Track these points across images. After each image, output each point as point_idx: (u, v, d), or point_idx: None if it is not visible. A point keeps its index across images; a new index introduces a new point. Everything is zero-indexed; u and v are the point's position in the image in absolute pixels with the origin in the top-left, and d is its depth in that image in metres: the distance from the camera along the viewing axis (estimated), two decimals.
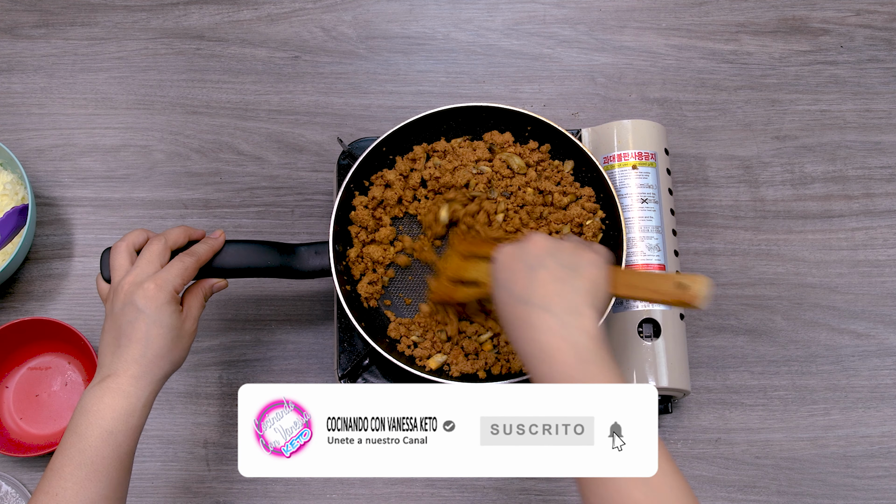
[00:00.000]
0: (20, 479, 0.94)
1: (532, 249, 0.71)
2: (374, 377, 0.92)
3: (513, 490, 0.95)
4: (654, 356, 0.90)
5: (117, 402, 0.73)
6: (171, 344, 0.77)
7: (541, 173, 0.95)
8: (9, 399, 0.97)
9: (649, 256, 0.93)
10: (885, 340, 1.01)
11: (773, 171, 1.07)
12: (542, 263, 0.69)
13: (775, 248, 1.04)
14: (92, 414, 0.72)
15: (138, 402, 0.74)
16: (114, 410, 0.72)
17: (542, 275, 0.68)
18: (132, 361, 0.75)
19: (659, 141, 0.98)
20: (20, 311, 1.00)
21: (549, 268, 0.69)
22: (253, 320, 1.00)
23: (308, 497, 0.95)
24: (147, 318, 0.76)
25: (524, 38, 1.12)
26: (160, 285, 0.77)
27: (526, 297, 0.68)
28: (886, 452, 0.97)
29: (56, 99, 1.08)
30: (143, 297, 0.76)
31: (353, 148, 0.98)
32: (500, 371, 0.88)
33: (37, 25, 1.11)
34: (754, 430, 0.97)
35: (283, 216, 1.04)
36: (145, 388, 0.75)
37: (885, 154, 1.08)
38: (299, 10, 1.12)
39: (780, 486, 0.96)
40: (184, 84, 1.09)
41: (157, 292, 0.76)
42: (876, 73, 1.11)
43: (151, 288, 0.76)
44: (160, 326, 0.76)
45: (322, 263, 0.88)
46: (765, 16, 1.13)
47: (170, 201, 1.04)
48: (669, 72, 1.10)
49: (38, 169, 1.05)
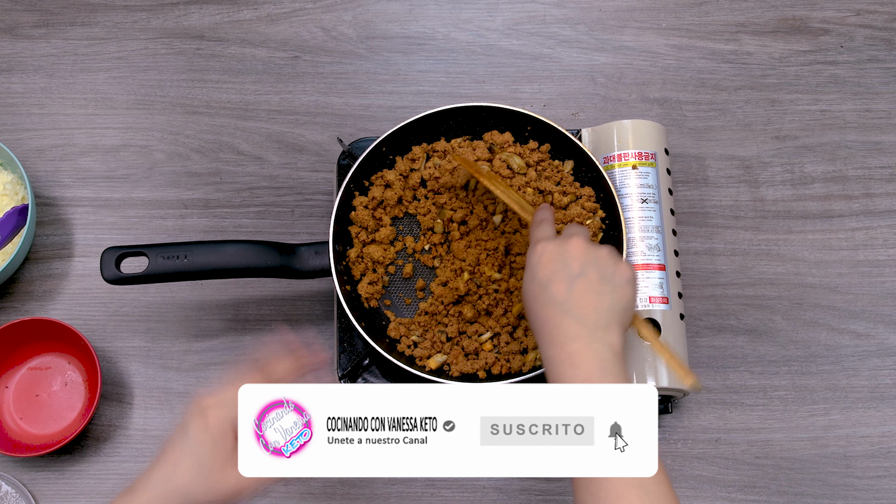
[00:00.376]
0: (20, 479, 0.94)
1: (573, 252, 0.73)
2: (374, 377, 0.92)
3: (513, 490, 0.95)
4: (655, 356, 0.90)
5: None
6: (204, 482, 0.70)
7: (541, 173, 0.95)
8: (9, 399, 0.97)
9: (649, 256, 0.93)
10: (885, 340, 1.01)
11: (773, 171, 1.07)
12: (583, 272, 0.72)
13: (775, 248, 1.04)
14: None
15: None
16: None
17: (582, 285, 0.71)
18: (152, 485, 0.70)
19: (659, 141, 0.97)
20: (20, 311, 1.00)
21: (589, 278, 0.72)
22: (253, 320, 1.00)
23: (308, 497, 0.95)
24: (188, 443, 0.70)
25: (524, 38, 1.12)
26: None
27: (563, 303, 0.71)
28: (886, 452, 0.97)
29: (56, 99, 1.08)
30: None
31: (353, 148, 0.98)
32: (500, 371, 0.88)
33: (37, 25, 1.11)
34: (754, 430, 0.97)
35: (283, 216, 1.04)
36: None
37: (885, 154, 1.08)
38: (299, 10, 1.12)
39: (780, 486, 0.96)
40: (184, 84, 1.09)
41: None
42: (876, 73, 1.11)
43: None
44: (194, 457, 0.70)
45: (322, 263, 0.88)
46: (765, 16, 1.13)
47: (170, 201, 1.04)
48: (669, 72, 1.10)
49: (38, 169, 1.05)
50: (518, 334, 0.90)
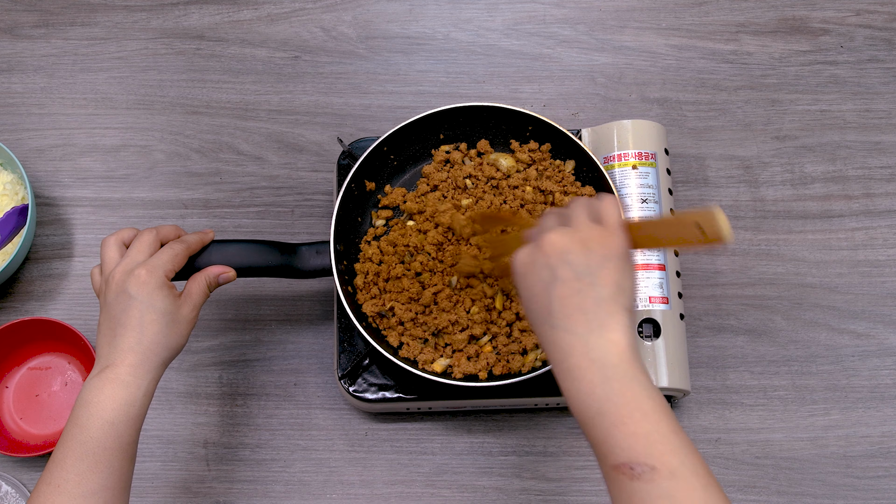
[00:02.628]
0: (20, 479, 0.94)
1: (544, 254, 0.66)
2: (374, 377, 0.92)
3: (513, 490, 0.95)
4: (654, 356, 0.90)
5: (117, 393, 0.73)
6: (167, 329, 0.77)
7: (542, 173, 0.95)
8: (9, 399, 0.97)
9: (649, 256, 0.93)
10: (885, 340, 1.01)
11: (773, 171, 1.07)
12: (557, 275, 0.64)
13: (775, 248, 1.04)
14: (93, 405, 0.72)
15: (138, 392, 0.74)
16: (114, 401, 0.72)
17: (559, 291, 0.64)
18: (128, 350, 0.75)
19: (659, 141, 0.98)
20: (20, 311, 1.00)
21: (564, 279, 0.64)
22: (253, 320, 1.00)
23: (308, 497, 0.95)
24: (140, 304, 0.75)
25: (524, 38, 1.12)
26: (150, 270, 0.77)
27: (548, 319, 0.65)
28: (886, 452, 0.97)
29: (56, 99, 1.08)
30: (134, 284, 0.76)
31: (353, 148, 0.98)
32: (500, 371, 0.88)
33: (37, 25, 1.11)
34: (754, 430, 0.97)
35: (283, 216, 1.04)
36: (144, 376, 0.74)
37: (885, 154, 1.08)
38: (299, 10, 1.12)
39: (780, 486, 0.96)
40: (184, 84, 1.09)
41: (148, 277, 0.76)
42: (876, 73, 1.11)
43: (142, 274, 0.76)
44: (153, 312, 0.76)
45: (323, 263, 0.88)
46: (765, 16, 1.13)
47: (170, 201, 1.04)
48: (669, 72, 1.10)
49: (38, 169, 1.05)
50: (516, 334, 0.90)
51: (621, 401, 0.61)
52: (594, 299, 0.63)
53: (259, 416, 0.97)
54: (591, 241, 0.65)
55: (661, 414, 0.61)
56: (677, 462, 0.59)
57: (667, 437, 0.60)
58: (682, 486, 0.58)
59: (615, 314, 0.63)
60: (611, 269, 0.64)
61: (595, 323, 0.63)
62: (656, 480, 0.58)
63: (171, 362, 0.79)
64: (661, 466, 0.59)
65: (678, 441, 0.60)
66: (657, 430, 0.60)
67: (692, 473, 0.59)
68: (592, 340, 0.62)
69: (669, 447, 0.59)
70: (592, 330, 0.63)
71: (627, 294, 0.65)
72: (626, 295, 0.64)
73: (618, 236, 0.66)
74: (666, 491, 0.58)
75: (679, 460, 0.59)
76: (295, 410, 0.97)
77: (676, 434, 0.60)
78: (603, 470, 0.62)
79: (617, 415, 0.61)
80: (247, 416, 0.97)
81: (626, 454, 0.59)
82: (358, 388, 0.91)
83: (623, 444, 0.60)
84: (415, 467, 0.96)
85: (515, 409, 0.97)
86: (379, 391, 0.91)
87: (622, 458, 0.60)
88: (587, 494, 0.95)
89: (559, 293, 0.64)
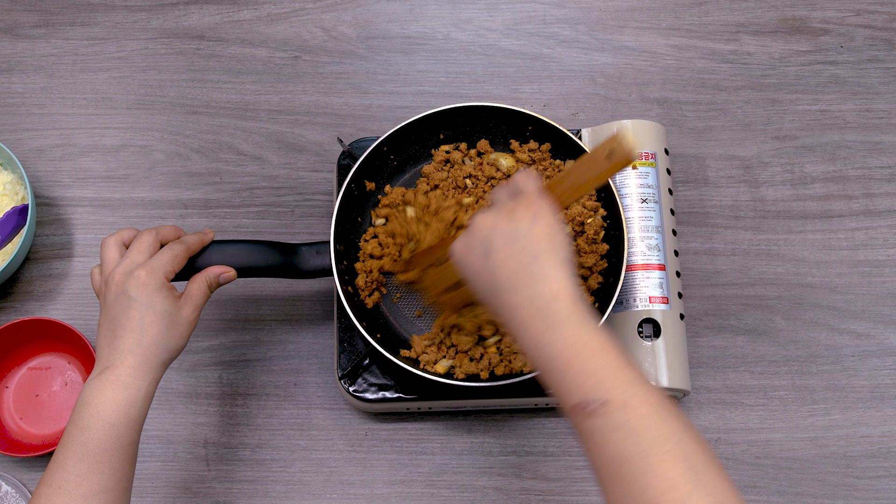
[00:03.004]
0: (20, 479, 0.94)
1: (478, 233, 0.69)
2: (374, 377, 0.92)
3: (513, 490, 0.95)
4: (654, 356, 0.90)
5: (118, 394, 0.73)
6: (167, 331, 0.77)
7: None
8: (9, 399, 0.97)
9: (649, 256, 0.93)
10: (885, 340, 1.01)
11: (773, 171, 1.07)
12: (491, 246, 0.68)
13: (775, 248, 1.04)
14: (93, 406, 0.72)
15: (139, 393, 0.74)
16: (114, 402, 0.72)
17: (496, 258, 0.67)
18: (128, 352, 0.75)
19: (659, 141, 0.98)
20: (20, 311, 1.00)
21: (498, 248, 0.67)
22: (253, 320, 1.00)
23: (308, 497, 0.95)
24: (140, 305, 0.76)
25: (524, 38, 1.12)
26: (150, 272, 0.77)
27: (492, 287, 0.68)
28: (886, 452, 0.97)
29: (56, 99, 1.08)
30: (134, 286, 0.76)
31: (353, 148, 0.98)
32: (503, 371, 0.88)
33: (37, 25, 1.11)
34: (754, 430, 0.97)
35: (283, 216, 1.04)
36: (144, 377, 0.75)
37: (885, 154, 1.08)
38: (299, 10, 1.12)
39: (780, 486, 0.96)
40: (184, 84, 1.09)
41: (148, 279, 0.76)
42: (876, 73, 1.11)
43: (142, 275, 0.76)
44: (153, 313, 0.76)
45: (323, 263, 0.88)
46: (765, 16, 1.13)
47: (170, 201, 1.04)
48: (669, 72, 1.10)
49: (38, 169, 1.05)
50: None
51: (568, 343, 0.63)
52: (530, 257, 0.66)
53: (259, 416, 0.97)
54: (516, 210, 0.68)
55: (608, 351, 0.62)
56: (628, 393, 0.60)
57: (615, 372, 0.61)
58: (634, 415, 0.59)
59: (553, 266, 0.66)
60: (540, 227, 0.67)
61: (535, 277, 0.65)
62: (609, 413, 0.60)
63: (171, 363, 0.79)
64: (612, 399, 0.60)
65: (628, 374, 0.61)
66: (605, 366, 0.62)
67: (643, 401, 0.60)
68: (535, 292, 0.65)
69: (618, 380, 0.61)
70: (534, 283, 0.65)
71: (562, 247, 0.67)
72: (560, 248, 0.67)
73: (539, 200, 0.69)
74: (619, 422, 0.59)
75: (629, 391, 0.60)
76: (295, 410, 0.97)
77: (625, 368, 0.62)
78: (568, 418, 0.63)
79: (565, 358, 0.62)
80: (247, 416, 0.97)
81: (579, 394, 0.61)
82: (358, 388, 0.91)
83: (574, 384, 0.62)
84: (415, 467, 0.96)
85: (515, 409, 0.97)
86: (379, 391, 0.91)
87: (575, 398, 0.61)
88: (587, 494, 0.94)
89: (496, 261, 0.67)
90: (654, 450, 0.58)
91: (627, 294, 0.92)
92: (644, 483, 0.57)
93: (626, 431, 0.59)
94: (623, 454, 0.58)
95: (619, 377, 0.61)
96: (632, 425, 0.59)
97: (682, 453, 0.58)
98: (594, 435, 0.60)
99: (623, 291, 0.92)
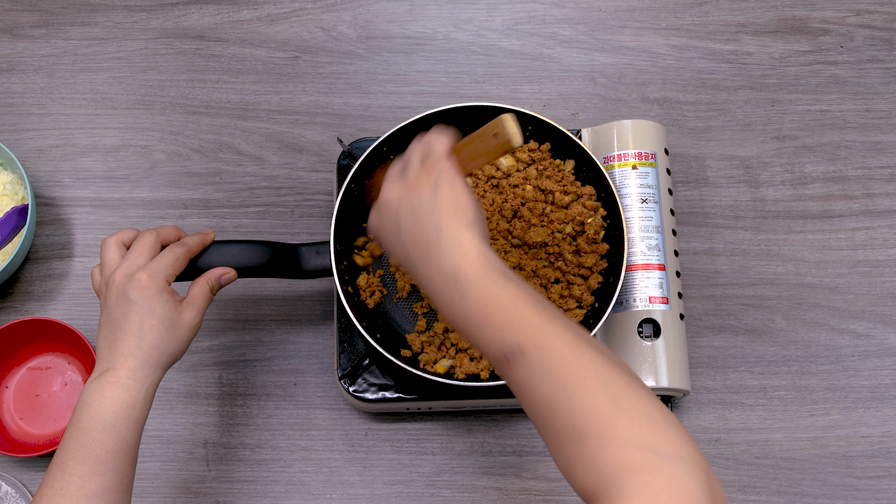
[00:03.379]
0: (20, 479, 0.94)
1: (386, 208, 0.71)
2: (375, 377, 0.92)
3: (513, 490, 0.95)
4: (654, 356, 0.90)
5: (118, 396, 0.73)
6: (167, 335, 0.77)
7: (542, 172, 0.95)
8: (9, 399, 0.97)
9: (649, 256, 0.93)
10: (885, 340, 1.01)
11: (773, 171, 1.07)
12: (400, 223, 0.69)
13: (775, 248, 1.04)
14: (93, 408, 0.72)
15: (139, 395, 0.74)
16: (115, 404, 0.73)
17: (406, 234, 0.68)
18: (128, 354, 0.75)
19: (659, 141, 0.98)
20: (20, 311, 1.00)
21: (405, 222, 0.68)
22: (253, 320, 1.00)
23: (308, 497, 0.95)
24: (140, 309, 0.76)
25: (524, 38, 1.12)
26: (151, 275, 0.77)
27: (408, 263, 0.69)
28: (886, 452, 0.97)
29: (56, 99, 1.08)
30: (135, 289, 0.76)
31: (353, 148, 0.98)
32: None
33: (37, 25, 1.11)
34: (754, 430, 0.97)
35: (283, 216, 1.04)
36: (144, 379, 0.75)
37: (885, 154, 1.08)
38: (299, 10, 1.12)
39: (780, 486, 0.96)
40: (184, 84, 1.09)
41: (148, 282, 0.76)
42: (876, 73, 1.11)
43: (143, 278, 0.76)
44: (154, 317, 0.76)
45: (323, 263, 0.88)
46: (765, 16, 1.13)
47: (170, 201, 1.04)
48: (669, 72, 1.10)
49: (38, 169, 1.05)
50: None
51: (480, 303, 0.63)
52: (434, 227, 0.66)
53: (259, 416, 0.97)
54: (419, 180, 0.69)
55: (518, 301, 0.63)
56: (540, 335, 0.61)
57: (527, 319, 0.62)
58: (550, 355, 0.60)
59: (459, 232, 0.66)
60: (442, 194, 0.67)
61: (442, 247, 0.66)
62: (527, 359, 0.60)
63: (171, 366, 0.79)
64: (527, 343, 0.60)
65: (541, 318, 0.62)
66: (516, 316, 0.62)
67: (558, 339, 0.60)
68: (443, 262, 0.65)
69: (531, 326, 0.61)
70: (441, 253, 0.65)
71: (467, 211, 0.67)
72: (465, 212, 0.67)
73: (442, 164, 0.69)
74: (538, 365, 0.60)
75: (541, 333, 0.61)
76: (295, 410, 0.97)
77: (539, 314, 0.62)
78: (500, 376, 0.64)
79: (481, 317, 0.63)
80: (247, 416, 0.97)
81: (498, 347, 0.62)
82: (358, 388, 0.91)
83: (493, 339, 0.62)
84: (415, 467, 0.96)
85: (515, 409, 0.97)
86: (379, 391, 0.91)
87: (497, 352, 0.62)
88: None
89: (406, 237, 0.68)
90: (573, 384, 0.58)
91: (627, 294, 0.92)
92: (570, 417, 0.58)
93: (545, 373, 0.59)
94: (548, 396, 0.59)
95: (530, 323, 0.61)
96: (549, 365, 0.59)
97: (599, 380, 0.58)
98: (520, 384, 0.61)
99: (623, 291, 0.92)
